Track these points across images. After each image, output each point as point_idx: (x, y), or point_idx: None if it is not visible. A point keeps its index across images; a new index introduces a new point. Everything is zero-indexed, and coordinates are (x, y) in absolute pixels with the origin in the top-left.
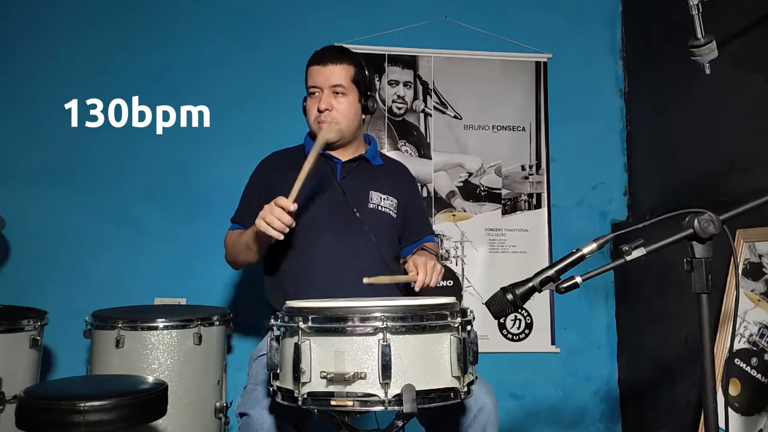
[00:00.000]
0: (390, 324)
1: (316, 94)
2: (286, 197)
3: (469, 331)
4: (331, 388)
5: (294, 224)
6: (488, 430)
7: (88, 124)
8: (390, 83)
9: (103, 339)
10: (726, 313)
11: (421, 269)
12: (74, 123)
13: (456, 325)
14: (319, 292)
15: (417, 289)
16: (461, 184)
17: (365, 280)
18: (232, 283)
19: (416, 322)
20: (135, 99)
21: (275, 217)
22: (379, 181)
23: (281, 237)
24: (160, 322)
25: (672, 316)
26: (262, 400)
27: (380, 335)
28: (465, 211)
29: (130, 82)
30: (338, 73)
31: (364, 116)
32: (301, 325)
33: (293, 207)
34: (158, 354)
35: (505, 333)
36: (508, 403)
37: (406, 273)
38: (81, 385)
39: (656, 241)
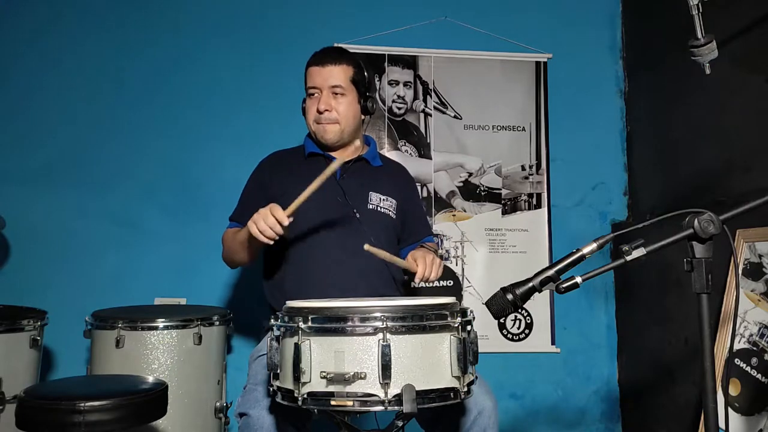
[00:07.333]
0: (390, 324)
1: (316, 94)
2: (286, 205)
3: (469, 331)
4: (331, 388)
5: (286, 233)
6: None
7: (88, 124)
8: (390, 83)
9: (103, 339)
10: (726, 313)
11: (421, 262)
12: (74, 123)
13: (456, 325)
14: (319, 292)
15: (417, 281)
16: (461, 184)
17: (366, 246)
18: (232, 283)
19: (416, 322)
20: (135, 100)
21: (268, 226)
22: (379, 181)
23: (271, 243)
24: (160, 322)
25: (672, 316)
26: (262, 400)
27: (380, 335)
28: (465, 211)
29: (130, 83)
30: (337, 74)
31: (363, 117)
32: (301, 325)
33: (287, 221)
34: (158, 354)
35: (505, 333)
36: (508, 403)
37: (405, 273)
38: (81, 385)
39: (656, 241)
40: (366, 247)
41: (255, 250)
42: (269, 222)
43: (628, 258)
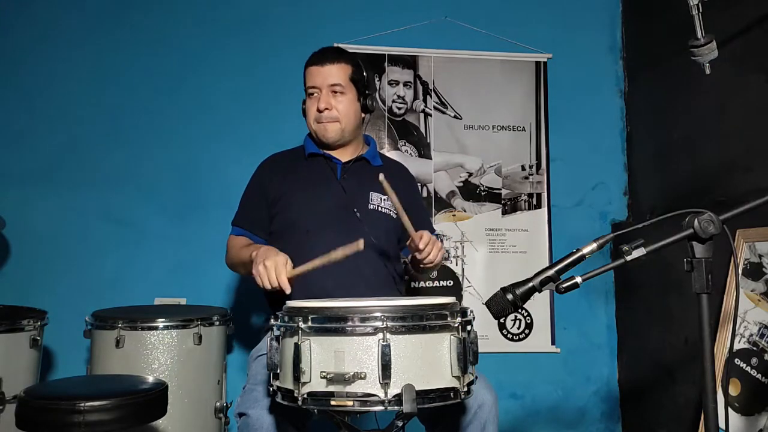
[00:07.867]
0: (390, 324)
1: (315, 94)
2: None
3: (469, 331)
4: (331, 388)
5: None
6: (488, 427)
7: (88, 124)
8: (390, 83)
9: (103, 339)
10: (726, 313)
11: (426, 236)
12: (75, 123)
13: (456, 325)
14: (319, 292)
15: (417, 244)
16: (461, 184)
17: (381, 177)
18: (232, 283)
19: (416, 322)
20: (135, 100)
21: (270, 279)
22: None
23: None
24: (160, 322)
25: (672, 316)
26: (261, 400)
27: (380, 335)
28: (465, 211)
29: (130, 84)
30: (336, 73)
31: (363, 115)
32: (301, 325)
33: (288, 291)
34: (158, 354)
35: (505, 333)
36: (508, 403)
37: (406, 273)
38: (81, 385)
39: (656, 241)
40: (381, 178)
41: None
42: (272, 279)
43: (628, 258)
